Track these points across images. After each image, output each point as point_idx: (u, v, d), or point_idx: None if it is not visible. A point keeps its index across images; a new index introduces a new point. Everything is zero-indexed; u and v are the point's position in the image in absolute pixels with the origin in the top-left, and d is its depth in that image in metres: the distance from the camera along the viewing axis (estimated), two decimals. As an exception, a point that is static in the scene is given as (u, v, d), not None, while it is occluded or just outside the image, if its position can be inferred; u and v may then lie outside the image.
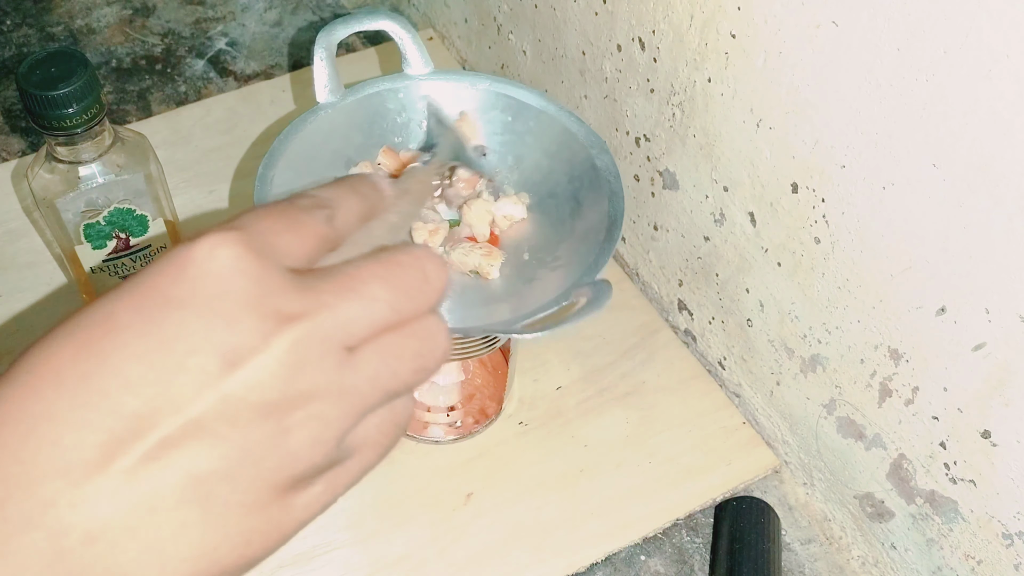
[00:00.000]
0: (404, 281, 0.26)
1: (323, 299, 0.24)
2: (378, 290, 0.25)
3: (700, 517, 0.61)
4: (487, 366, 0.64)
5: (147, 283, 0.23)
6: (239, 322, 0.23)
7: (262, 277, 0.23)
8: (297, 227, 0.25)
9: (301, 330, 0.23)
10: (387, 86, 0.58)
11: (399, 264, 0.26)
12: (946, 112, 0.42)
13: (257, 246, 0.24)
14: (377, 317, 0.25)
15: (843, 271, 0.52)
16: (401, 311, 0.25)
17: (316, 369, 0.23)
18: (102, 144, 0.54)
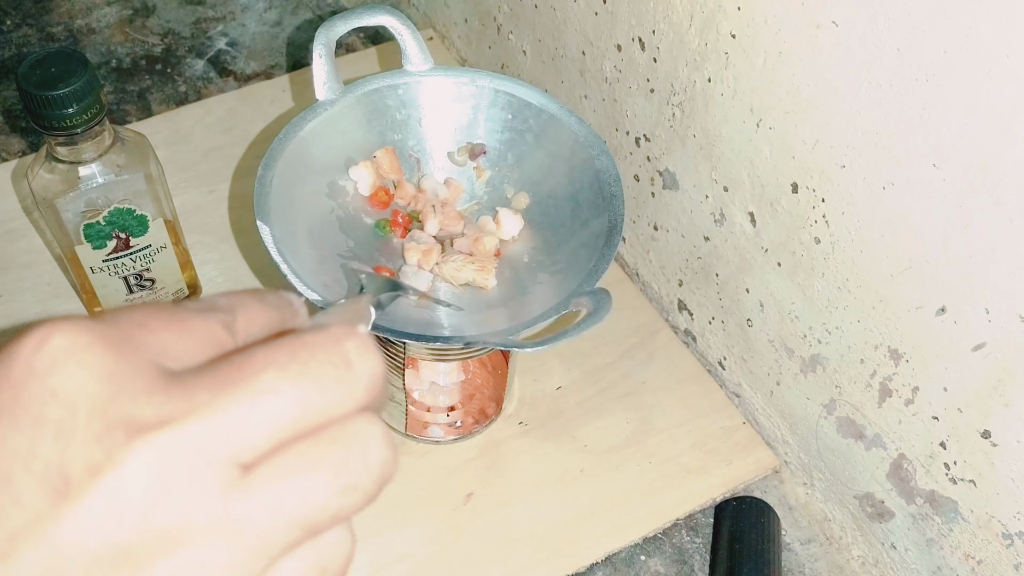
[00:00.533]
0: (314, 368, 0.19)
1: (198, 398, 0.18)
2: (276, 381, 0.18)
3: (700, 517, 0.61)
4: (487, 366, 0.64)
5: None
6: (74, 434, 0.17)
7: (114, 373, 0.17)
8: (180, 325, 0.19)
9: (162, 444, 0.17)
10: (387, 82, 0.58)
11: (306, 345, 0.19)
12: (946, 112, 0.42)
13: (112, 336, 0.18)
14: (277, 419, 0.18)
15: (843, 271, 0.52)
16: (313, 409, 0.18)
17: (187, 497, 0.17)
18: (102, 144, 0.54)
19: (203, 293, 0.68)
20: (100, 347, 0.18)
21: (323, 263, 0.52)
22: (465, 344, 0.48)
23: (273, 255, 0.49)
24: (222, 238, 0.71)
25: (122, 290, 0.62)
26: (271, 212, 0.50)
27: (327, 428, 0.19)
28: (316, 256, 0.52)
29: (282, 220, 0.51)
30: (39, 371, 0.17)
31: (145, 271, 0.61)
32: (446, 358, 0.57)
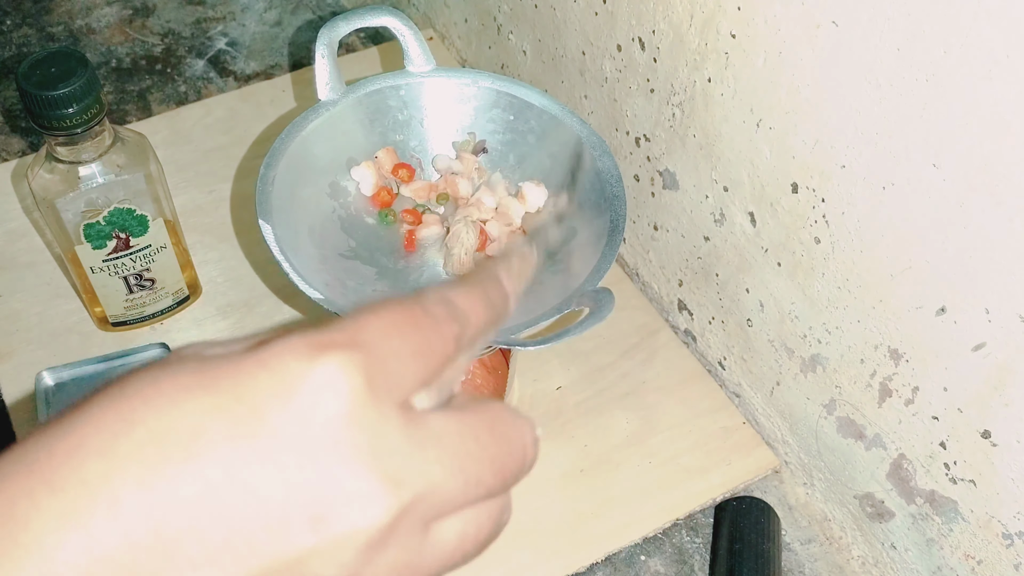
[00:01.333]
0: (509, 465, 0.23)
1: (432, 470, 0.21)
2: (486, 473, 0.23)
3: (700, 517, 0.61)
4: (487, 366, 0.64)
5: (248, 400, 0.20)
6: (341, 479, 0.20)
7: (378, 429, 0.20)
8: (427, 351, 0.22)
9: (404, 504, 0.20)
10: (388, 83, 0.58)
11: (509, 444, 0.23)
12: (946, 112, 0.42)
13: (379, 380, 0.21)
14: (471, 498, 0.23)
15: (843, 271, 0.52)
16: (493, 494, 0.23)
17: (402, 545, 0.21)
18: (102, 144, 0.54)
19: (203, 293, 0.68)
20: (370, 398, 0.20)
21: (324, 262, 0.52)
22: None
23: (275, 254, 0.49)
24: (222, 238, 0.71)
25: (122, 290, 0.62)
26: (273, 211, 0.50)
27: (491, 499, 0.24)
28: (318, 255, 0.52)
29: (284, 219, 0.51)
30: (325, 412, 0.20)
31: (145, 271, 0.61)
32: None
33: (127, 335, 0.65)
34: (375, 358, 0.21)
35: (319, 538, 0.20)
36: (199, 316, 0.67)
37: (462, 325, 0.23)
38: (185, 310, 0.67)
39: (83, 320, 0.66)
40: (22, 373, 0.63)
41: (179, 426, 0.19)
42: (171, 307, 0.66)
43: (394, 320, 0.22)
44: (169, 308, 0.66)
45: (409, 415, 0.21)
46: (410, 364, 0.21)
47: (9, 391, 0.62)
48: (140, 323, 0.65)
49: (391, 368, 0.21)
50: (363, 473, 0.20)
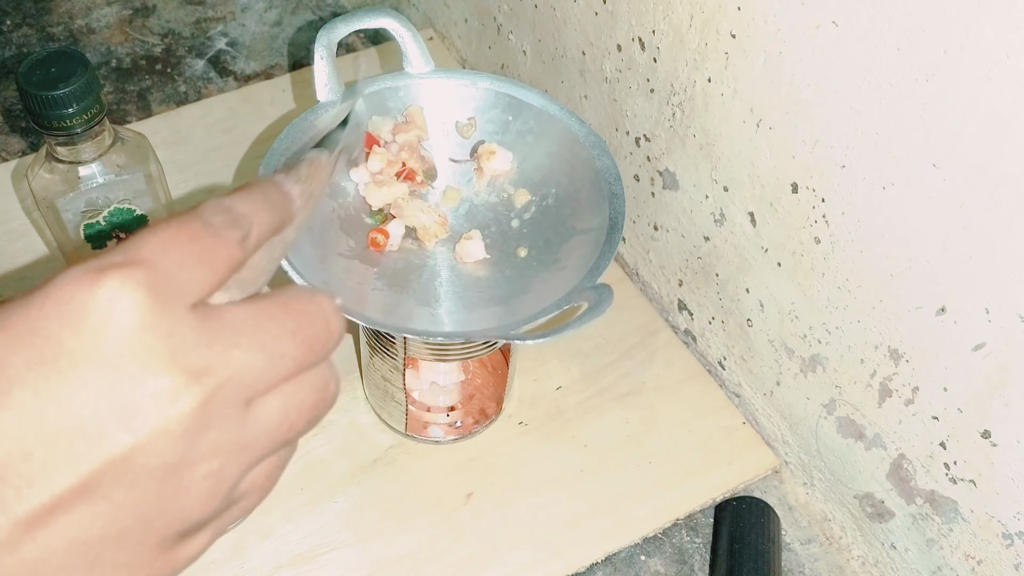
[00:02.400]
0: (311, 335, 0.25)
1: (232, 355, 0.23)
2: (287, 345, 0.24)
3: (700, 517, 0.61)
4: (487, 366, 0.64)
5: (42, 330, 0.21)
6: (146, 381, 0.22)
7: (170, 329, 0.22)
8: (209, 257, 0.24)
9: (209, 390, 0.22)
10: (387, 84, 0.58)
11: (307, 316, 0.25)
12: (946, 112, 0.42)
13: (164, 289, 0.22)
14: (281, 372, 0.24)
15: (843, 271, 0.52)
16: (304, 364, 0.25)
17: (219, 427, 0.23)
18: (102, 144, 0.54)
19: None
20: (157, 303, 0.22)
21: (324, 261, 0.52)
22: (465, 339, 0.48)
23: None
24: (222, 238, 0.71)
25: (122, 290, 0.62)
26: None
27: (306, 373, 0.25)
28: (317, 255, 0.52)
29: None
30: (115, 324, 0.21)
31: (145, 271, 0.61)
32: (446, 358, 0.57)
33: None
34: (155, 270, 0.22)
35: (136, 436, 0.21)
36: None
37: (244, 228, 0.25)
38: (185, 310, 0.67)
39: (83, 320, 0.66)
40: (22, 373, 0.63)
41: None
42: (171, 307, 0.66)
43: (171, 235, 0.23)
44: (169, 308, 0.66)
45: (202, 312, 0.23)
46: (193, 270, 0.23)
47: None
48: (140, 323, 0.65)
49: (174, 276, 0.23)
50: (163, 370, 0.22)
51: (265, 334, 0.24)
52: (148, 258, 0.23)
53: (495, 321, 0.51)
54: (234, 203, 0.25)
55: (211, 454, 0.23)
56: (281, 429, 0.25)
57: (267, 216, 0.26)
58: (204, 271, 0.23)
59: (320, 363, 0.26)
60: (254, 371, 0.23)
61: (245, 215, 0.25)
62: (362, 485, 0.60)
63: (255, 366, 0.23)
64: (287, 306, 0.25)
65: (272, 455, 0.25)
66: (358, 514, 0.58)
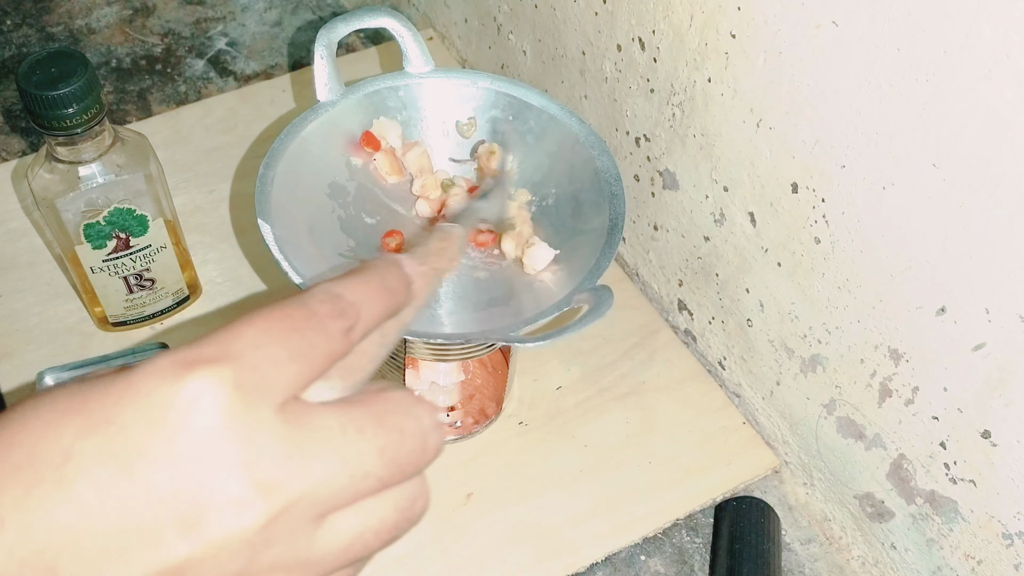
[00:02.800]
0: (401, 455, 0.23)
1: (311, 468, 0.21)
2: (373, 464, 0.22)
3: (700, 517, 0.61)
4: (487, 366, 0.64)
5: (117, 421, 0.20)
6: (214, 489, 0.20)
7: (249, 436, 0.21)
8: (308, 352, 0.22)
9: (280, 505, 0.21)
10: (387, 84, 0.58)
11: (400, 432, 0.23)
12: (946, 112, 0.42)
13: (251, 388, 0.21)
14: (363, 490, 0.22)
15: (843, 271, 0.52)
16: (389, 484, 0.23)
17: (287, 542, 0.21)
18: (102, 144, 0.54)
19: (203, 293, 0.68)
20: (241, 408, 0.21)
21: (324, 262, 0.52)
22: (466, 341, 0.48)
23: (274, 253, 0.49)
24: (222, 238, 0.71)
25: (122, 290, 0.62)
26: (272, 211, 0.51)
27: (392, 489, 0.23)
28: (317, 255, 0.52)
29: (283, 219, 0.51)
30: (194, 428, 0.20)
31: (145, 271, 0.61)
32: (446, 358, 0.57)
33: (127, 335, 0.65)
34: (245, 367, 0.21)
35: (193, 546, 0.20)
36: (199, 316, 0.67)
37: (351, 319, 0.23)
38: (185, 310, 0.67)
39: (83, 320, 0.66)
40: (22, 373, 0.63)
41: (52, 448, 0.20)
42: (171, 307, 0.66)
43: (268, 326, 0.22)
44: (169, 308, 0.66)
45: (289, 416, 0.22)
46: (288, 366, 0.22)
47: (9, 391, 0.62)
48: (140, 323, 0.65)
49: (265, 374, 0.21)
50: (233, 480, 0.20)
51: (350, 449, 0.22)
52: (240, 353, 0.21)
53: (495, 322, 0.51)
54: (345, 290, 0.24)
55: (272, 569, 0.22)
56: (354, 549, 0.23)
57: (380, 304, 0.25)
58: (300, 367, 0.22)
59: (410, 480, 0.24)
60: (332, 488, 0.22)
61: (355, 304, 0.24)
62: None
63: (334, 483, 0.22)
64: (381, 419, 0.23)
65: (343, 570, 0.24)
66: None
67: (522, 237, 0.54)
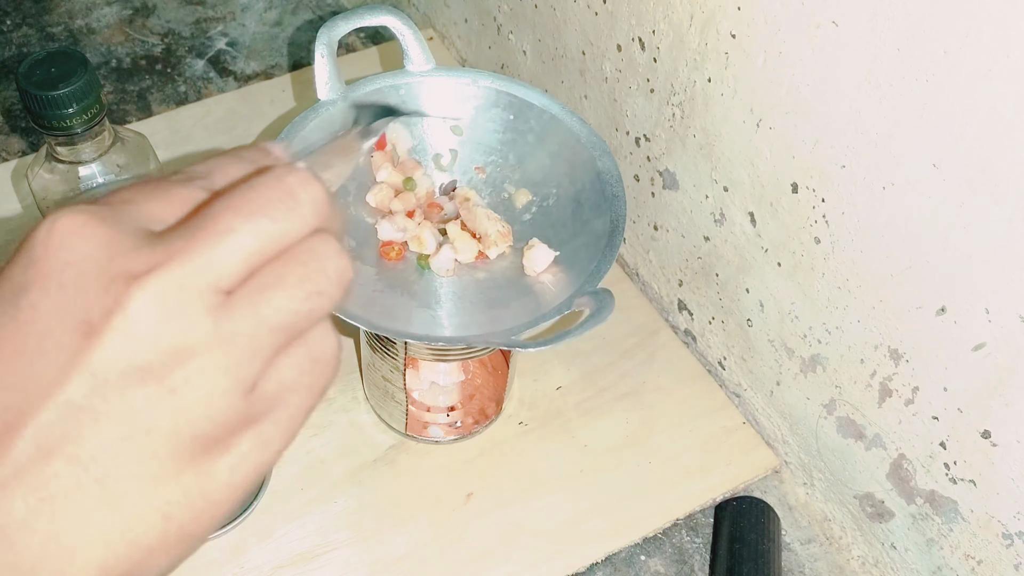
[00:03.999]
0: (262, 204, 0.23)
1: (175, 246, 0.22)
2: (233, 221, 0.22)
3: (700, 517, 0.61)
4: (487, 366, 0.64)
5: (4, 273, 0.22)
6: (88, 290, 0.21)
7: (109, 240, 0.22)
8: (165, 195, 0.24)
9: (155, 284, 0.21)
10: (388, 82, 0.58)
11: (251, 187, 0.23)
12: (946, 112, 0.42)
13: (104, 214, 0.22)
14: (241, 251, 0.22)
15: (843, 271, 0.52)
16: (270, 238, 0.23)
17: (183, 321, 0.22)
18: (102, 144, 0.54)
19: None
20: (94, 222, 0.22)
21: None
22: (467, 344, 0.48)
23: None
24: (222, 238, 0.71)
25: (122, 290, 0.62)
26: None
27: (288, 250, 0.23)
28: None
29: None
30: (53, 248, 0.22)
31: (145, 271, 0.61)
32: (447, 358, 0.57)
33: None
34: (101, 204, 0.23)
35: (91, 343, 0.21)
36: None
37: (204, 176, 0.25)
38: (185, 310, 0.67)
39: (83, 320, 0.66)
40: (22, 373, 0.63)
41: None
42: (171, 307, 0.66)
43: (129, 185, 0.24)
44: (169, 308, 0.66)
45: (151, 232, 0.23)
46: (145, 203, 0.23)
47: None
48: (140, 323, 0.65)
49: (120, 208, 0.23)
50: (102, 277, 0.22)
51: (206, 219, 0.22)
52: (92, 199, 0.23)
53: (495, 324, 0.51)
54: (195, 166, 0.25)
55: (186, 350, 0.22)
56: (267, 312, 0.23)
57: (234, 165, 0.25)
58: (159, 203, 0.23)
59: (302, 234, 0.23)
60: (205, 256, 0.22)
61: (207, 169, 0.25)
62: (362, 485, 0.60)
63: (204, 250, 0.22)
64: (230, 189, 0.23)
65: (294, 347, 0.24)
66: (358, 514, 0.58)
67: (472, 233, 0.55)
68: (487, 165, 0.59)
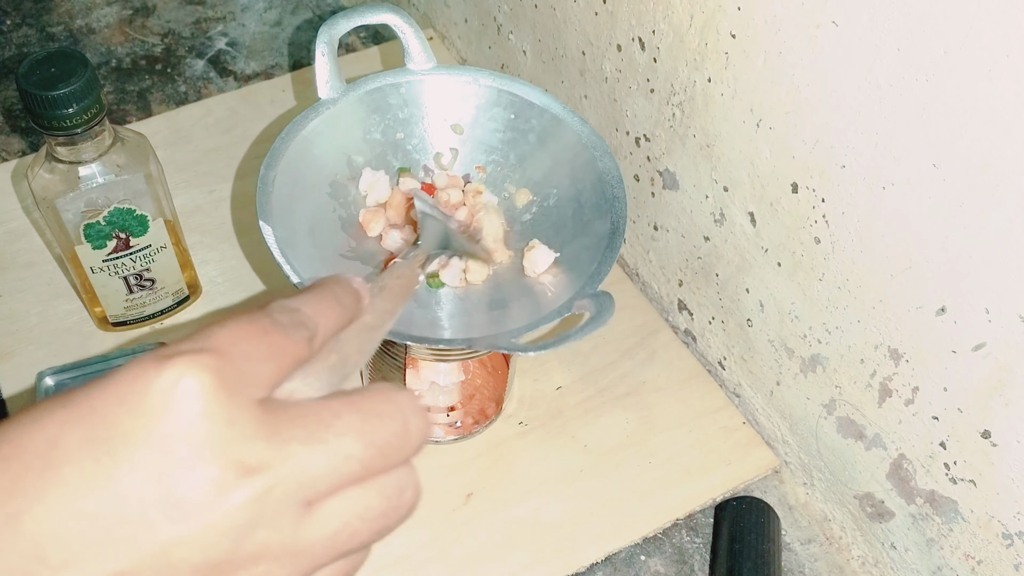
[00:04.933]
0: (382, 436, 0.24)
1: (290, 450, 0.22)
2: (352, 446, 0.23)
3: (700, 517, 0.61)
4: (487, 366, 0.64)
5: (100, 409, 0.21)
6: (195, 470, 0.21)
7: (230, 419, 0.21)
8: (276, 353, 0.23)
9: (262, 486, 0.21)
10: (389, 81, 0.58)
11: (379, 416, 0.24)
12: (946, 112, 0.42)
13: (230, 378, 0.22)
14: (346, 474, 0.23)
15: (843, 271, 0.52)
16: (373, 468, 0.23)
17: (271, 528, 0.22)
18: (102, 144, 0.54)
19: (203, 293, 0.68)
20: (220, 392, 0.21)
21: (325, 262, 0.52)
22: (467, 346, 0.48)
23: (276, 255, 0.49)
24: (222, 238, 0.71)
25: (122, 290, 0.62)
26: (273, 212, 0.50)
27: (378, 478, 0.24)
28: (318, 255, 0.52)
29: (284, 220, 0.51)
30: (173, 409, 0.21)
31: (145, 271, 0.61)
32: (447, 358, 0.57)
33: (127, 335, 0.65)
34: (224, 359, 0.22)
35: (177, 528, 0.21)
36: (199, 316, 0.67)
37: (310, 327, 0.25)
38: (185, 310, 0.67)
39: (83, 320, 0.66)
40: (22, 373, 0.63)
41: (36, 439, 0.21)
42: (171, 307, 0.66)
43: (241, 328, 0.23)
44: (169, 308, 0.66)
45: (267, 406, 0.22)
46: (261, 363, 0.23)
47: (9, 391, 0.62)
48: (140, 323, 0.65)
49: (241, 367, 0.22)
50: (215, 460, 0.21)
51: (328, 431, 0.23)
52: (218, 347, 0.22)
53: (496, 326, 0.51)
54: (301, 304, 0.25)
55: (259, 556, 0.22)
56: (342, 537, 0.23)
57: (334, 315, 0.26)
58: (272, 366, 0.23)
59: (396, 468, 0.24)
60: (314, 470, 0.22)
61: (311, 316, 0.25)
62: (362, 485, 0.60)
63: (315, 465, 0.22)
64: (356, 403, 0.24)
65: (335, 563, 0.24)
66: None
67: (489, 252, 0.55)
68: (487, 164, 0.59)
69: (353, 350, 0.27)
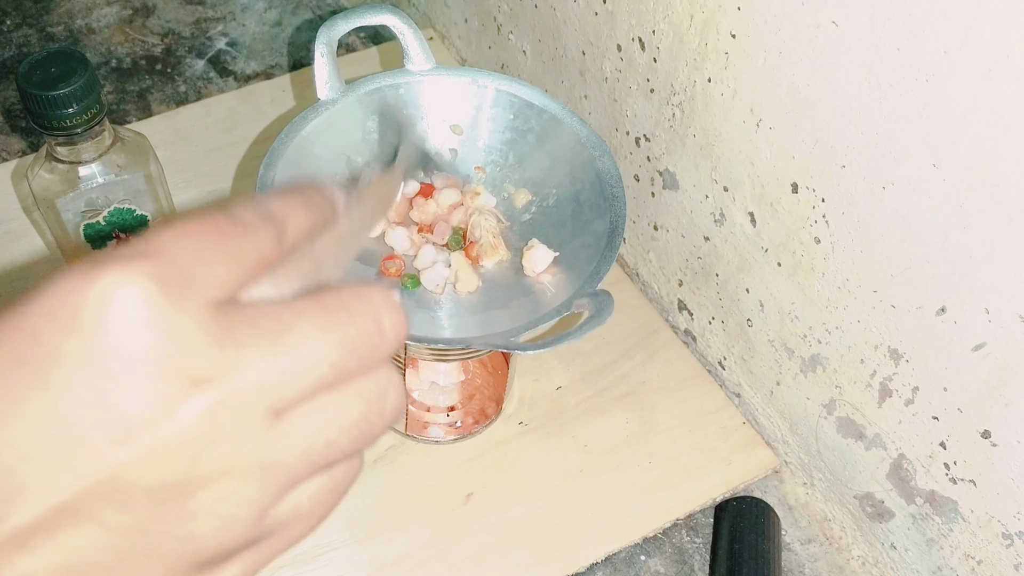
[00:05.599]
0: (352, 334, 0.21)
1: (247, 355, 0.19)
2: (320, 347, 0.20)
3: (700, 517, 0.61)
4: (487, 366, 0.64)
5: (28, 328, 0.19)
6: (136, 386, 0.18)
7: (173, 327, 0.19)
8: (235, 251, 0.21)
9: (215, 397, 0.19)
10: (388, 82, 0.58)
11: (348, 312, 0.21)
12: (946, 112, 0.42)
13: (173, 282, 0.19)
14: (314, 379, 0.20)
15: (843, 271, 0.52)
16: (346, 370, 0.21)
17: (231, 442, 0.19)
18: (102, 144, 0.54)
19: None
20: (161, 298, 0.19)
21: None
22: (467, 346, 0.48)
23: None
24: (222, 238, 0.71)
25: (122, 290, 0.62)
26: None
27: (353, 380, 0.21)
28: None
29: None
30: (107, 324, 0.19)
31: (145, 271, 0.61)
32: (446, 358, 0.57)
33: (127, 335, 0.65)
34: (166, 262, 0.19)
35: (123, 451, 0.19)
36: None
37: (278, 226, 0.22)
38: (185, 310, 0.67)
39: (83, 320, 0.66)
40: (22, 373, 0.63)
41: None
42: (171, 307, 0.66)
43: (192, 227, 0.20)
44: (169, 308, 0.66)
45: (221, 311, 0.20)
46: (215, 264, 0.20)
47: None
48: (140, 323, 0.65)
49: (189, 270, 0.20)
50: (159, 376, 0.19)
51: (291, 332, 0.20)
52: (160, 250, 0.20)
53: (495, 324, 0.51)
54: (269, 203, 0.22)
55: (223, 473, 0.19)
56: (317, 446, 0.21)
57: (305, 216, 0.23)
58: (229, 267, 0.20)
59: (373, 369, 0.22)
60: (276, 376, 0.20)
61: (280, 213, 0.22)
62: (362, 485, 0.60)
63: (277, 369, 0.20)
64: (322, 301, 0.21)
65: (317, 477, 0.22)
66: (358, 514, 0.58)
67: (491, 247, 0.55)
68: (487, 164, 0.59)
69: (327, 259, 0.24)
